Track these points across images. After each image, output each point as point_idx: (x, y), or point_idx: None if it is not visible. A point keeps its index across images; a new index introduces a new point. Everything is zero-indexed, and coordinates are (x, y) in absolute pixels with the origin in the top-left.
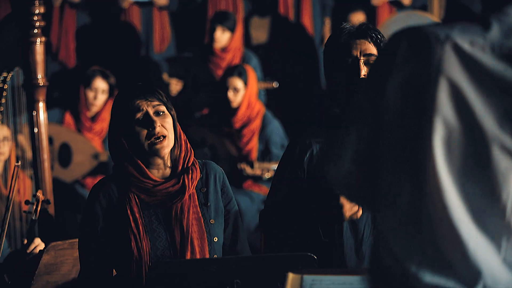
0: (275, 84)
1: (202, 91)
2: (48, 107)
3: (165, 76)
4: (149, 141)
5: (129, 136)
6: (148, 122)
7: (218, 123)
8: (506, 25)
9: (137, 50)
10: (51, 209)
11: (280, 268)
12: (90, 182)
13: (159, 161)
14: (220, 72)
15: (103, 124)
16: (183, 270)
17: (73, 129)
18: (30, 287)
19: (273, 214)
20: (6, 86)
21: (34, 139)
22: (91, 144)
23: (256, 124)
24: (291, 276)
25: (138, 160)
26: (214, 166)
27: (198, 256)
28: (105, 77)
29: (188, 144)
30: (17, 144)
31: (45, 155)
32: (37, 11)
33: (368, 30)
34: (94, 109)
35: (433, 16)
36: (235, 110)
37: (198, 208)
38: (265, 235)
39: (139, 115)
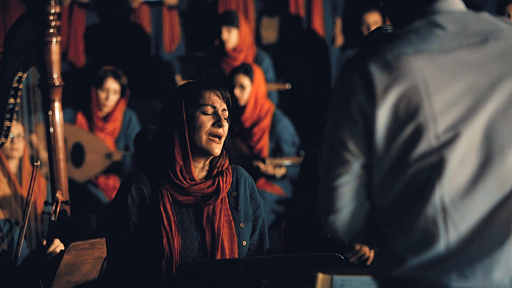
0: (287, 86)
1: None
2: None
3: (178, 78)
4: (208, 136)
5: (190, 125)
6: (217, 119)
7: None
8: (452, 18)
9: (147, 50)
10: (67, 209)
11: (307, 268)
12: (103, 181)
13: (202, 161)
14: None
15: (116, 124)
16: (211, 270)
17: (85, 129)
18: (51, 287)
19: (293, 220)
20: (21, 86)
21: (49, 139)
22: (104, 144)
23: (266, 123)
24: (320, 276)
25: (190, 153)
26: (243, 172)
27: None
28: (117, 77)
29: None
30: (31, 144)
31: (61, 155)
32: (52, 11)
33: None
34: (106, 109)
35: None
36: (243, 108)
37: (229, 212)
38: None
39: (210, 110)
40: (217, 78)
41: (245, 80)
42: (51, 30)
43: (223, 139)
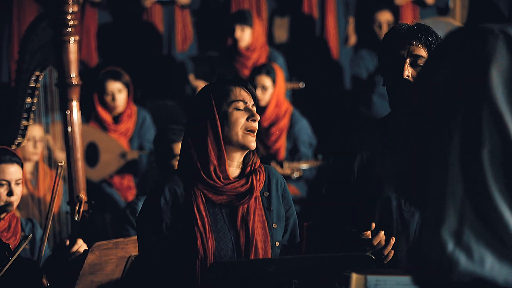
0: (301, 85)
1: None
2: None
3: (191, 78)
4: (244, 131)
5: (223, 123)
6: (251, 113)
7: None
8: None
9: (159, 49)
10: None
11: (338, 268)
12: (118, 181)
13: (236, 157)
14: (246, 72)
15: (128, 123)
16: (242, 270)
17: (99, 129)
18: (74, 287)
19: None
20: (38, 86)
21: (67, 138)
22: (118, 143)
23: (284, 123)
24: (354, 276)
25: (224, 150)
26: (275, 171)
27: None
28: (116, 77)
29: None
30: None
31: (79, 155)
32: (70, 10)
33: (419, 32)
34: (118, 109)
35: (456, 21)
36: (263, 108)
37: (263, 212)
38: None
39: (241, 105)
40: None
41: (267, 81)
42: (69, 30)
43: (255, 133)
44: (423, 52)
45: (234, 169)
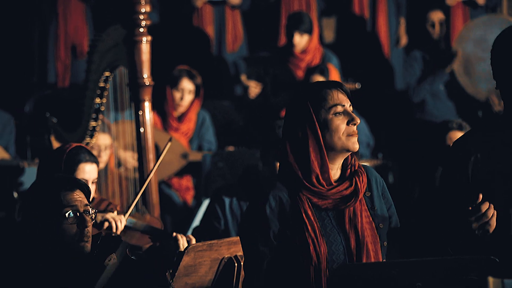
0: (357, 85)
1: (282, 91)
2: None
3: (243, 78)
4: (347, 135)
5: (324, 131)
6: (351, 117)
7: None
8: None
9: (209, 50)
10: (157, 210)
11: (462, 271)
12: (176, 182)
13: (338, 161)
14: (299, 73)
15: (190, 124)
16: (365, 273)
17: (160, 129)
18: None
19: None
20: (108, 86)
21: (140, 139)
22: (180, 144)
23: None
24: (491, 280)
25: (327, 158)
26: (373, 171)
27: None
28: (192, 77)
29: None
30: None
31: (151, 155)
32: (143, 10)
33: None
34: (181, 109)
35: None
36: None
37: (368, 213)
38: None
39: (340, 109)
40: (284, 78)
41: None
42: (142, 30)
43: (357, 135)
44: None
45: (335, 172)
